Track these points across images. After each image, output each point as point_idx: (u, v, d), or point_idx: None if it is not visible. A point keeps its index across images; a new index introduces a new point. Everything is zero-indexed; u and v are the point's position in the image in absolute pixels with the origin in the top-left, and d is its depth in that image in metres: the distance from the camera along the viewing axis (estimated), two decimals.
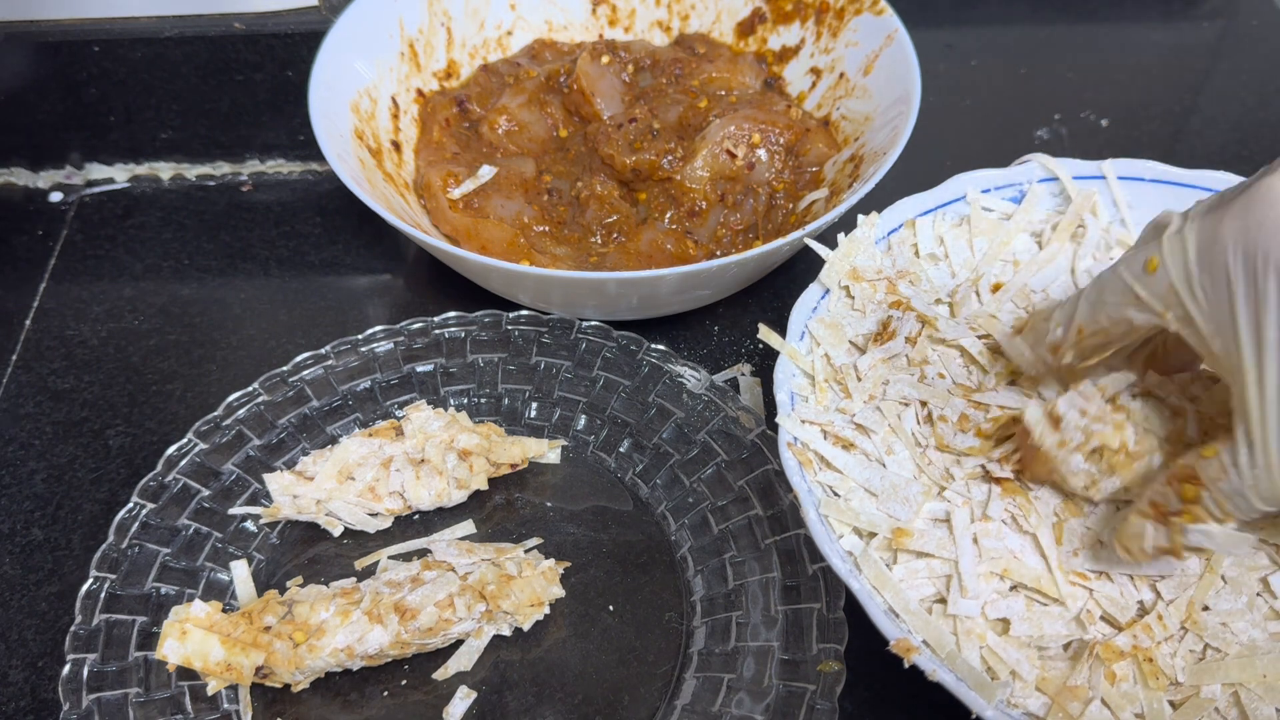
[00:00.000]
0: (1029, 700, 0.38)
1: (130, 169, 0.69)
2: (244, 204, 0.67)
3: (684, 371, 0.53)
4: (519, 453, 0.50)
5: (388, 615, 0.43)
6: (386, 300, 0.62)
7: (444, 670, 0.45)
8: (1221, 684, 0.38)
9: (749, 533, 0.48)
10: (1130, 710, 0.38)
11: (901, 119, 0.57)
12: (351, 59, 0.61)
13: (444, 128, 0.64)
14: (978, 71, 0.77)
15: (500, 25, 0.69)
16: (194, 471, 0.49)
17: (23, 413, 0.56)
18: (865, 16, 0.64)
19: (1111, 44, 0.80)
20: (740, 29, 0.70)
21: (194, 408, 0.56)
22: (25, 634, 0.48)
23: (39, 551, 0.50)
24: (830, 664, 0.42)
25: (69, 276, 0.63)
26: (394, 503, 0.49)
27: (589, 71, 0.64)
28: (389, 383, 0.53)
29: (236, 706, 0.43)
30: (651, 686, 0.44)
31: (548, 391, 0.54)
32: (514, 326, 0.55)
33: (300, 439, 0.51)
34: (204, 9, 0.66)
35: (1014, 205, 0.52)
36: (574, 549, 0.49)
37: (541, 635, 0.46)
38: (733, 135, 0.60)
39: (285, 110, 0.69)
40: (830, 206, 0.55)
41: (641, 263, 0.57)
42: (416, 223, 0.57)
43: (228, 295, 0.62)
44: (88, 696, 0.42)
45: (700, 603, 0.46)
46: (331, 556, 0.49)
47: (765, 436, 0.50)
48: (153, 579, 0.46)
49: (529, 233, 0.59)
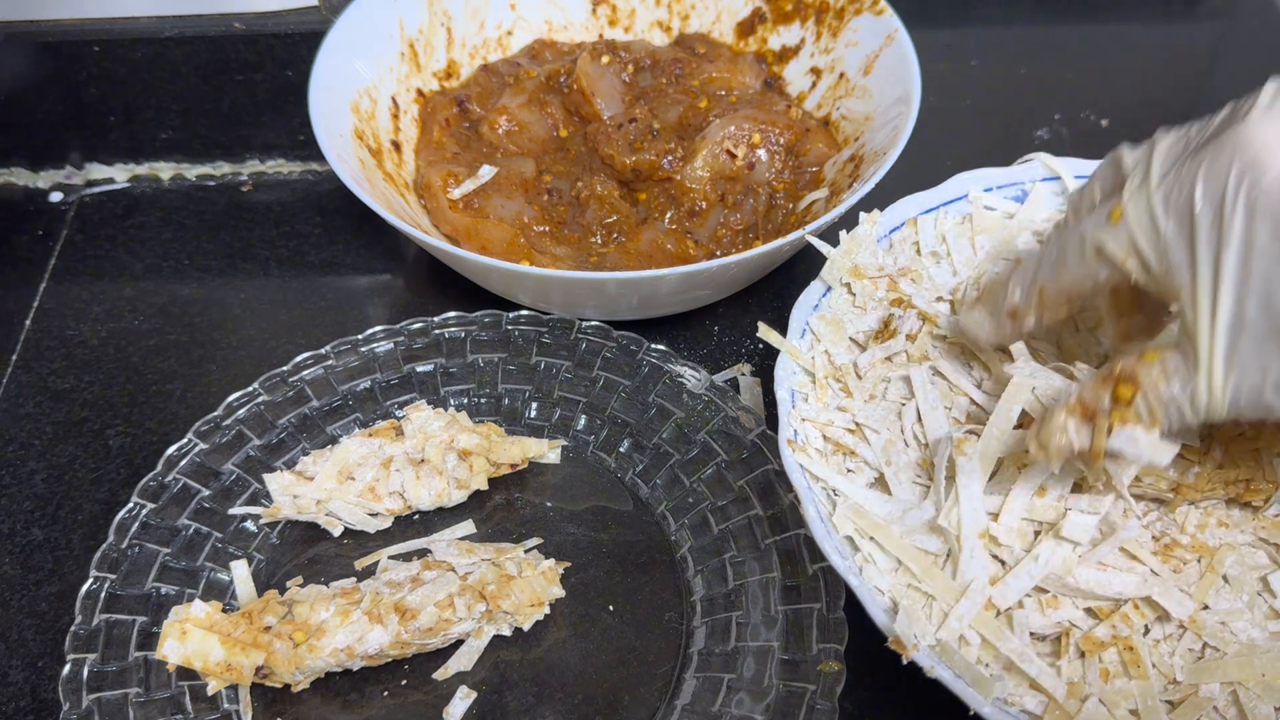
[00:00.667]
0: (1025, 698, 0.38)
1: (130, 169, 0.69)
2: (244, 204, 0.67)
3: (684, 371, 0.53)
4: (519, 453, 0.50)
5: (388, 615, 0.43)
6: (386, 300, 0.62)
7: (444, 670, 0.45)
8: (1220, 683, 0.38)
9: (749, 533, 0.48)
10: (1125, 707, 0.38)
11: (901, 119, 0.57)
12: (351, 59, 0.61)
13: (444, 128, 0.64)
14: (978, 71, 0.77)
15: (500, 25, 0.69)
16: (194, 471, 0.49)
17: (23, 413, 0.56)
18: (865, 16, 0.64)
19: (1111, 44, 0.80)
20: (740, 29, 0.70)
21: (194, 408, 0.56)
22: (25, 634, 0.48)
23: (39, 551, 0.50)
24: (830, 664, 0.42)
25: (69, 276, 0.63)
26: (394, 503, 0.49)
27: (589, 71, 0.64)
28: (389, 383, 0.53)
29: (236, 706, 0.43)
30: (651, 686, 0.44)
31: (548, 391, 0.54)
32: (514, 326, 0.55)
33: (300, 439, 0.51)
34: (204, 9, 0.66)
35: (1016, 204, 0.52)
36: (574, 549, 0.49)
37: (541, 635, 0.46)
38: (733, 135, 0.60)
39: (285, 110, 0.69)
40: (830, 206, 0.55)
41: (641, 263, 0.57)
42: (416, 223, 0.57)
43: (228, 295, 0.62)
44: (88, 696, 0.42)
45: (700, 603, 0.46)
46: (331, 556, 0.49)
47: (765, 436, 0.50)
48: (153, 579, 0.46)
49: (529, 233, 0.59)
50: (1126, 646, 0.39)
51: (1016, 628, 0.39)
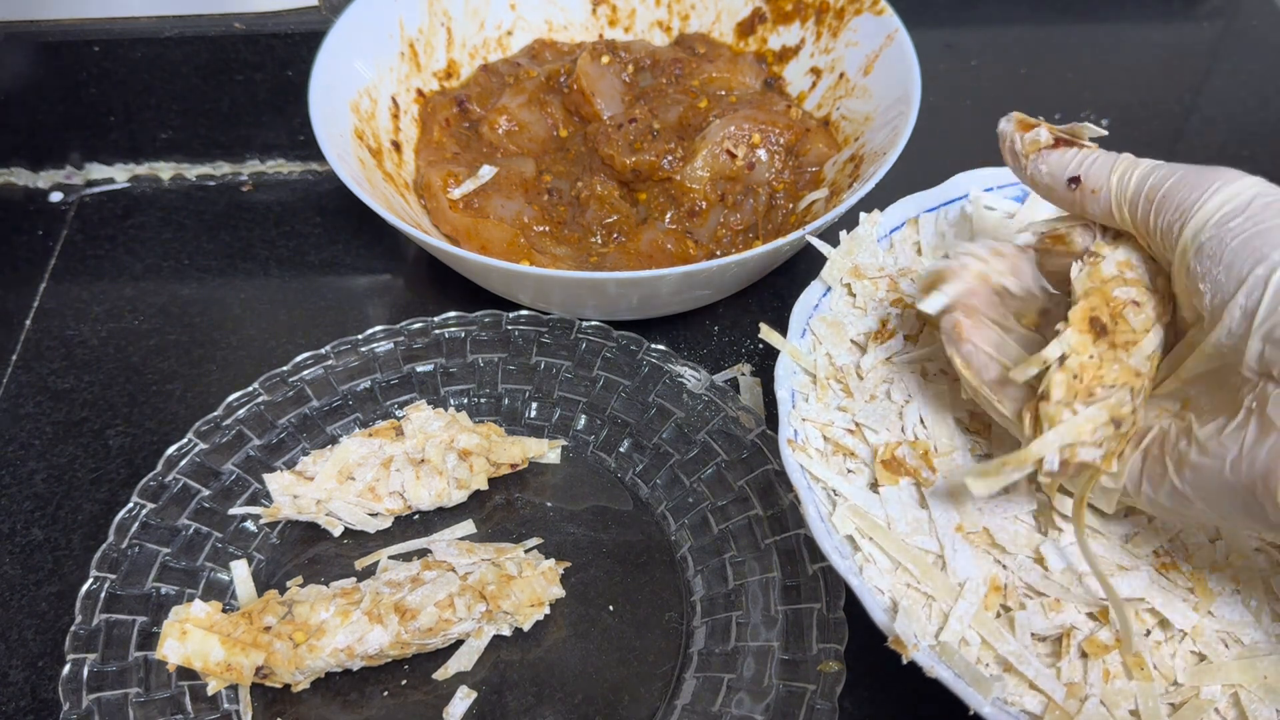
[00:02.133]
0: (1025, 698, 0.38)
1: (130, 169, 0.69)
2: (244, 204, 0.67)
3: (684, 371, 0.53)
4: (519, 453, 0.50)
5: (388, 615, 0.43)
6: (386, 300, 0.62)
7: (444, 670, 0.45)
8: (1221, 685, 0.38)
9: (749, 533, 0.48)
10: (1125, 707, 0.38)
11: (901, 119, 0.57)
12: (351, 59, 0.61)
13: (444, 128, 0.64)
14: (978, 71, 0.77)
15: (500, 25, 0.69)
16: (194, 471, 0.49)
17: (23, 413, 0.56)
18: (865, 16, 0.64)
19: (1111, 44, 0.80)
20: (740, 29, 0.70)
21: (194, 408, 0.56)
22: (25, 634, 0.48)
23: (39, 551, 0.50)
24: (830, 664, 0.42)
25: (69, 276, 0.63)
26: (394, 503, 0.49)
27: (589, 71, 0.64)
28: (389, 383, 0.53)
29: (236, 706, 0.43)
30: (651, 686, 0.44)
31: (548, 391, 0.54)
32: (514, 326, 0.55)
33: (300, 439, 0.51)
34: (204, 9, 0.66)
35: (1017, 204, 0.52)
36: (574, 549, 0.49)
37: (541, 635, 0.46)
38: (733, 135, 0.60)
39: (285, 110, 0.69)
40: (830, 206, 0.55)
41: (641, 263, 0.57)
42: (416, 223, 0.57)
43: (228, 295, 0.62)
44: (88, 696, 0.42)
45: (700, 603, 0.46)
46: (331, 556, 0.49)
47: (765, 436, 0.50)
48: (153, 579, 0.46)
49: (529, 233, 0.59)
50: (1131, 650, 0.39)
51: (1018, 629, 0.39)
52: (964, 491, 0.41)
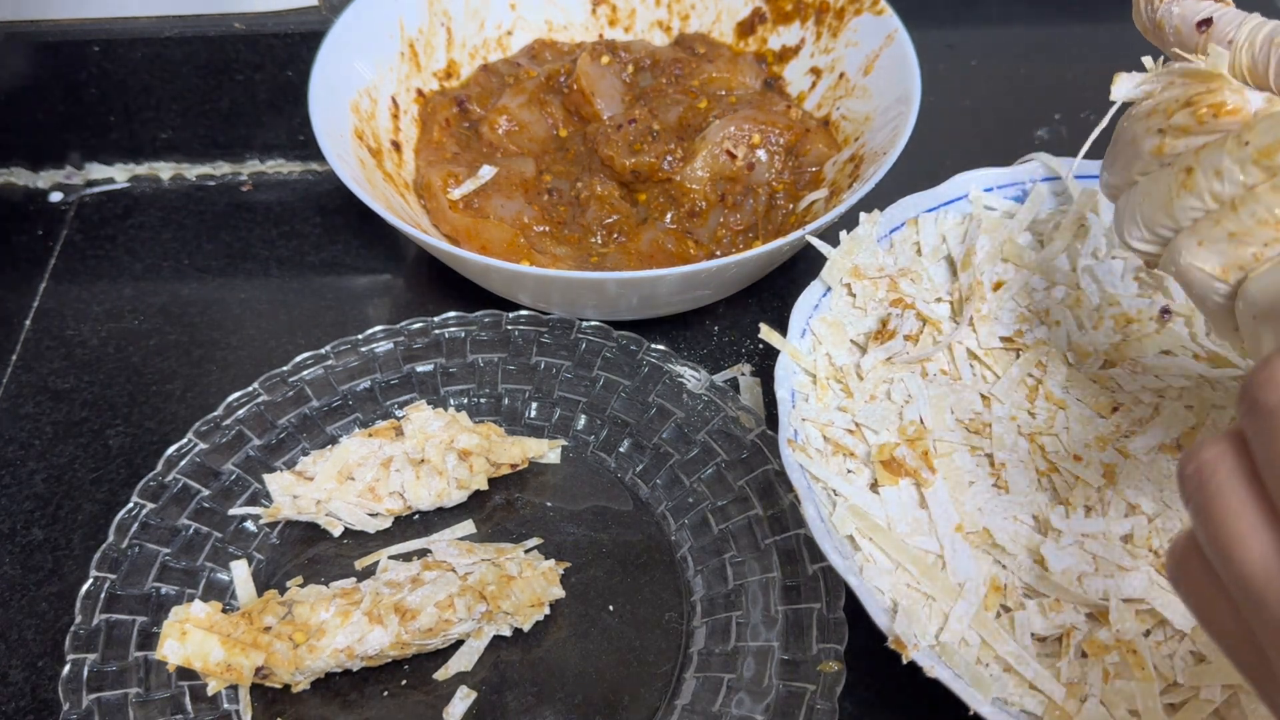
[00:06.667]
0: (1025, 698, 0.38)
1: (130, 169, 0.69)
2: (244, 204, 0.67)
3: (684, 371, 0.53)
4: (519, 453, 0.50)
5: (388, 616, 0.43)
6: (386, 300, 0.62)
7: (444, 670, 0.45)
8: (1221, 685, 0.38)
9: (749, 533, 0.48)
10: (1125, 707, 0.38)
11: (901, 119, 0.57)
12: (351, 59, 0.61)
13: (444, 128, 0.64)
14: (978, 71, 0.77)
15: (500, 25, 0.69)
16: (194, 471, 0.49)
17: (23, 413, 0.56)
18: (865, 16, 0.64)
19: (1111, 44, 0.80)
20: (740, 29, 0.70)
21: (194, 408, 0.56)
22: (25, 634, 0.48)
23: (39, 551, 0.50)
24: (830, 664, 0.42)
25: (69, 276, 0.63)
26: (394, 503, 0.49)
27: (589, 71, 0.64)
28: (389, 383, 0.53)
29: (236, 706, 0.43)
30: (651, 686, 0.44)
31: (548, 391, 0.54)
32: (514, 326, 0.55)
33: (300, 439, 0.51)
34: (204, 9, 0.66)
35: (1016, 204, 0.52)
36: (574, 549, 0.49)
37: (541, 635, 0.46)
38: (733, 135, 0.60)
39: (285, 110, 0.69)
40: (830, 206, 0.55)
41: (642, 263, 0.57)
42: (416, 223, 0.57)
43: (228, 295, 0.62)
44: (88, 696, 0.42)
45: (700, 603, 0.46)
46: (331, 556, 0.49)
47: (765, 436, 0.50)
48: (153, 579, 0.46)
49: (529, 233, 0.59)
50: (1129, 649, 0.39)
51: (1018, 629, 0.39)
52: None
